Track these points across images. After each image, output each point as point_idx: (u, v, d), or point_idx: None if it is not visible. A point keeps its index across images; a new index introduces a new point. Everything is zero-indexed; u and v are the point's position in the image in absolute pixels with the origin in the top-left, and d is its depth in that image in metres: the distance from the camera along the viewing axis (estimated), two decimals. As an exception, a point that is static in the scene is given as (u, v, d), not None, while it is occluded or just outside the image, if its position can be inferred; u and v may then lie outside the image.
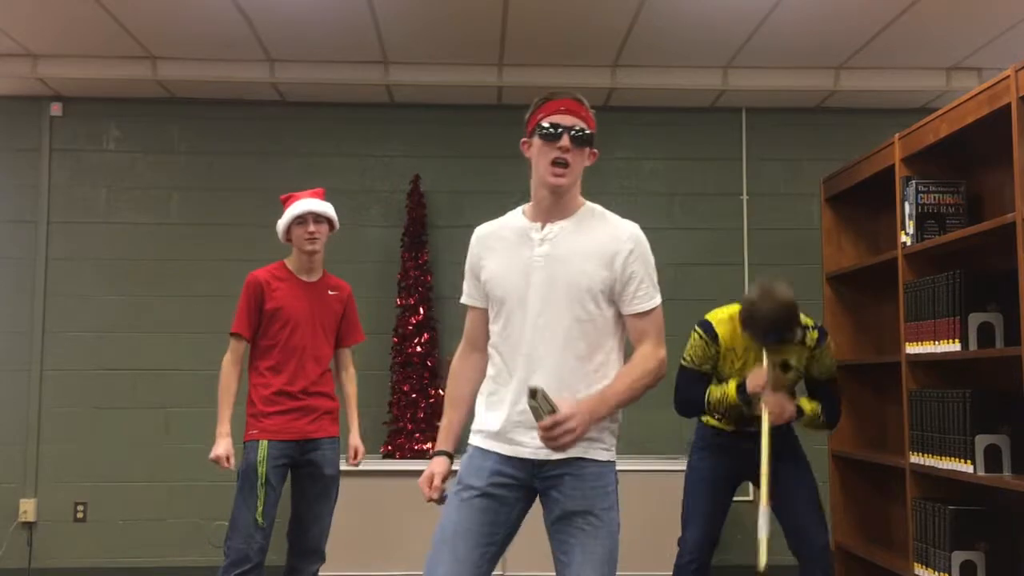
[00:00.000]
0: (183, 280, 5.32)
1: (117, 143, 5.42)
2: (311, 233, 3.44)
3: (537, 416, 1.98)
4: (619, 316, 2.22)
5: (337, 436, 3.53)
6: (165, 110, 5.42)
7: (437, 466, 2.30)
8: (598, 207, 2.29)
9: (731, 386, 3.21)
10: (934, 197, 3.49)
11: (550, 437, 1.99)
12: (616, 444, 2.25)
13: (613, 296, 2.19)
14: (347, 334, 3.64)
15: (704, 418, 3.39)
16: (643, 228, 2.26)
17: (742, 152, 5.52)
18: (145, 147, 5.42)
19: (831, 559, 3.26)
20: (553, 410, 1.97)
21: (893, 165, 3.67)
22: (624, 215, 2.29)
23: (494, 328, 2.26)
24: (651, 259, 2.23)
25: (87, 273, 5.32)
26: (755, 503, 3.37)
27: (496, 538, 2.16)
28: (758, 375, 3.16)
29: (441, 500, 2.24)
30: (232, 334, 3.45)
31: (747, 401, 3.18)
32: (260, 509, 3.30)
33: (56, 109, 5.37)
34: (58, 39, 4.76)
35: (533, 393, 1.95)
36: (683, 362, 3.33)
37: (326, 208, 3.50)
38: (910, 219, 3.53)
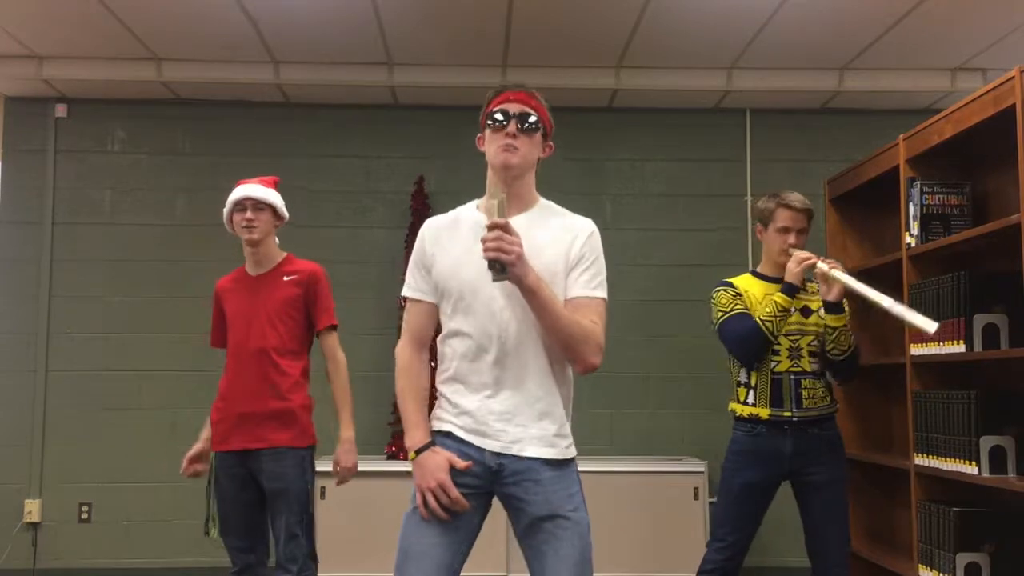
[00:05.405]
0: (188, 281, 5.32)
1: (122, 144, 5.44)
2: (248, 220, 3.25)
3: (491, 214, 1.98)
4: None
5: (285, 446, 3.13)
6: (170, 111, 5.43)
7: (440, 464, 2.07)
8: (553, 204, 2.24)
9: (774, 295, 3.17)
10: (939, 198, 3.49)
11: (491, 239, 1.94)
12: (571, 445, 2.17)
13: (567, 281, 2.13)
14: (316, 319, 3.27)
15: (738, 408, 3.29)
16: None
17: (746, 153, 5.52)
18: (150, 148, 5.44)
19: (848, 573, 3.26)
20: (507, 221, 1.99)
21: (898, 166, 3.67)
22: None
23: (451, 324, 2.15)
24: (601, 253, 2.18)
25: (92, 274, 5.33)
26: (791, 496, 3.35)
27: (463, 548, 2.11)
28: (795, 260, 3.15)
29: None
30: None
31: (793, 290, 3.15)
32: (210, 517, 3.25)
33: (61, 110, 5.38)
34: (63, 41, 4.77)
35: (499, 202, 1.98)
36: (720, 318, 3.28)
37: (267, 194, 3.28)
38: (915, 220, 3.52)
